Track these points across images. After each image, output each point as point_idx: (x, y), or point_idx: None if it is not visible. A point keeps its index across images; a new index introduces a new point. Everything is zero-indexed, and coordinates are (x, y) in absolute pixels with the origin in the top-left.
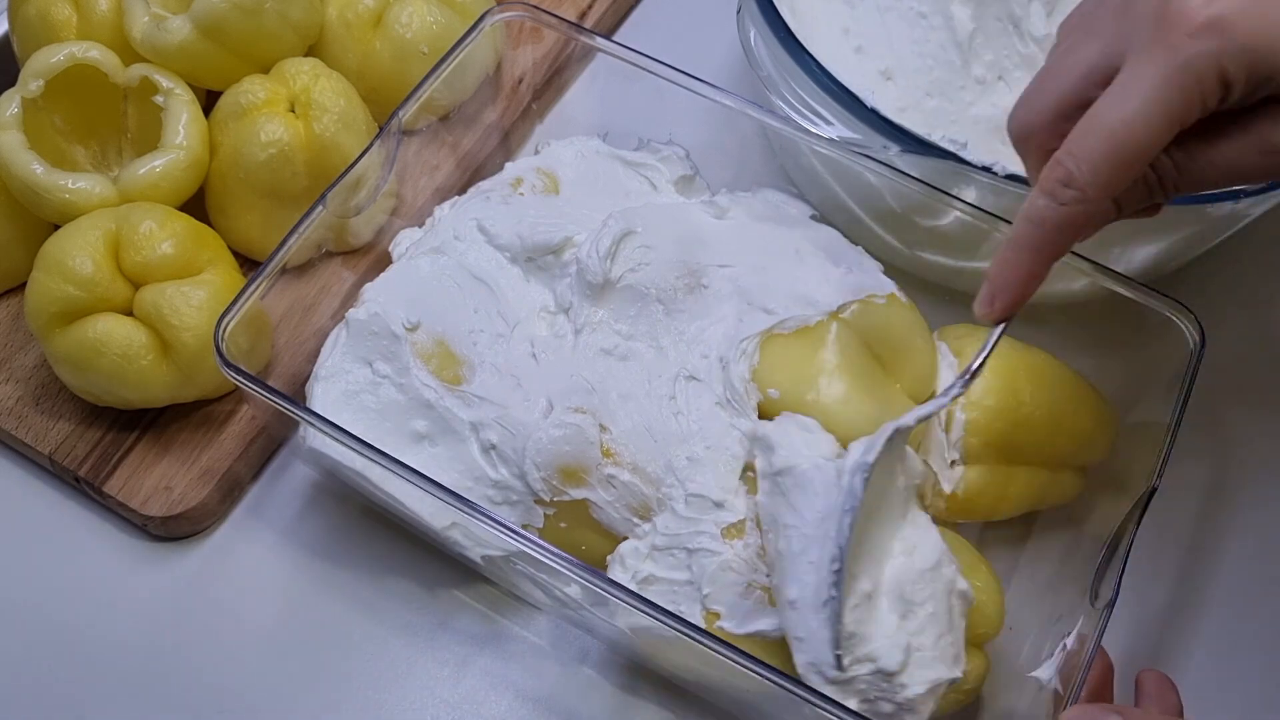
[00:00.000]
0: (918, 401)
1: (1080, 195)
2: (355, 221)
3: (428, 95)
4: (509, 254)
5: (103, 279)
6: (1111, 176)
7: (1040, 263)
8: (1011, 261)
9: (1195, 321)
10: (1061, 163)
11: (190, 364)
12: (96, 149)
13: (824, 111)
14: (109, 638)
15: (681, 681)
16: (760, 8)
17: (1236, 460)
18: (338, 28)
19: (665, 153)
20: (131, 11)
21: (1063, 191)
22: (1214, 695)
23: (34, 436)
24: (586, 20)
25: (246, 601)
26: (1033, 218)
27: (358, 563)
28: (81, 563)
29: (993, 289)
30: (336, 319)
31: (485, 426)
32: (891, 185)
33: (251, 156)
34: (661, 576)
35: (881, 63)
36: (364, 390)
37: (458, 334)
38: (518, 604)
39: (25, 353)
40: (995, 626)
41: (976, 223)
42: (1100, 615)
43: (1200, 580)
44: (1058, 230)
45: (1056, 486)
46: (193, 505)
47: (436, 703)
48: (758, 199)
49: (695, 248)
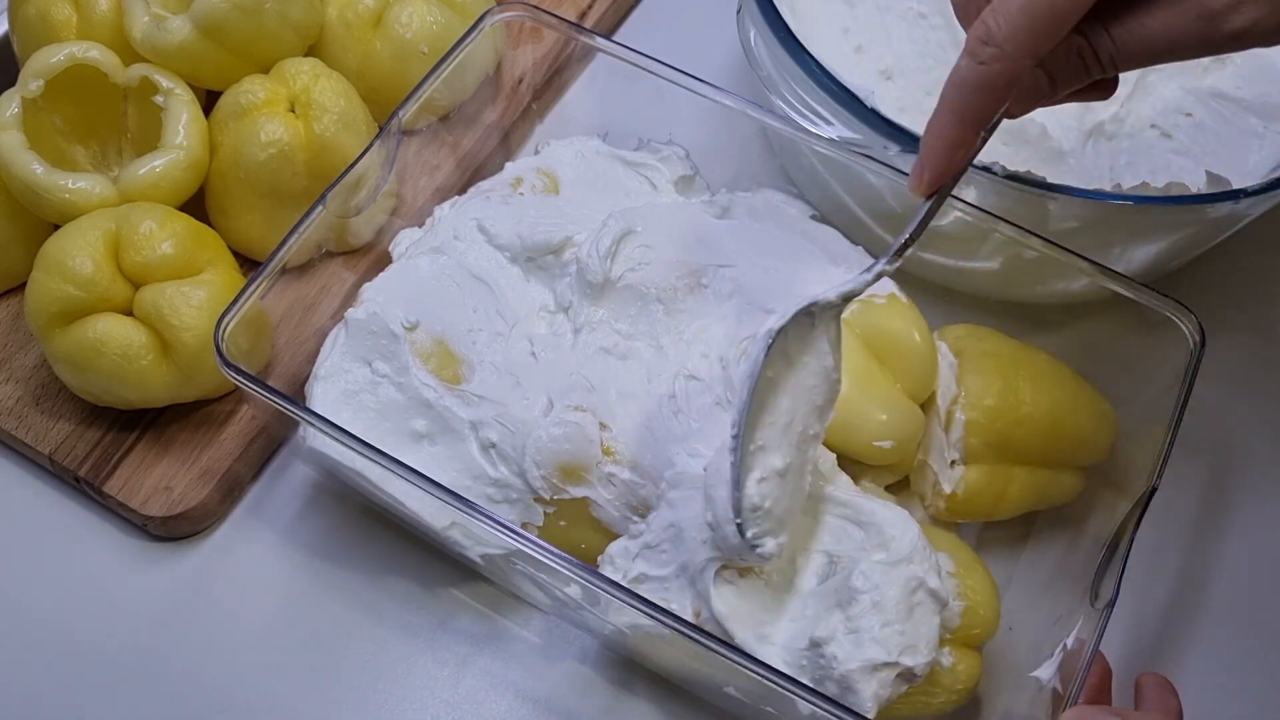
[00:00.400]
0: (918, 402)
1: (998, 52)
2: (355, 221)
3: (428, 95)
4: (509, 254)
5: (103, 279)
6: (1030, 31)
7: (964, 128)
8: (934, 129)
9: (1195, 321)
10: (984, 20)
11: (190, 364)
12: (96, 149)
13: (824, 111)
14: (109, 638)
15: (680, 681)
16: (760, 8)
17: (1236, 460)
18: (338, 28)
19: (665, 153)
20: (131, 11)
21: (981, 49)
22: (1214, 696)
23: (34, 436)
24: (586, 20)
25: (246, 601)
26: (955, 80)
27: (358, 563)
28: (81, 563)
29: (920, 162)
30: (336, 319)
31: (485, 425)
32: (891, 185)
33: (251, 156)
34: (653, 575)
35: (881, 63)
36: (363, 390)
37: (457, 333)
38: (517, 604)
39: (25, 353)
40: (989, 628)
41: (976, 223)
42: (1100, 615)
43: (1200, 580)
44: (978, 90)
45: (1056, 486)
46: (193, 505)
47: (436, 703)
48: (758, 199)
49: (695, 247)
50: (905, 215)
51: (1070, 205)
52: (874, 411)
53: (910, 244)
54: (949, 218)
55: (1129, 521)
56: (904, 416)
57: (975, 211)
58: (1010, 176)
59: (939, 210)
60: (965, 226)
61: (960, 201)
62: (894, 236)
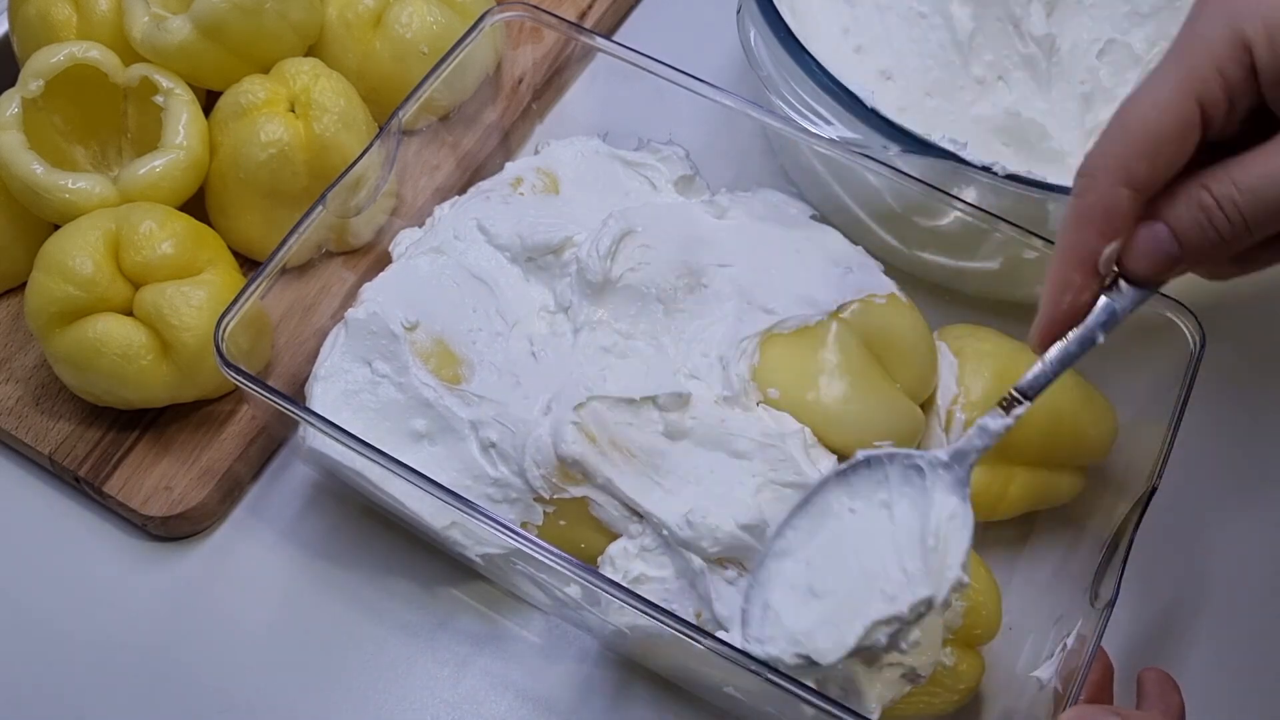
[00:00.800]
0: (918, 402)
1: (1089, 182)
2: (355, 221)
3: (428, 95)
4: (509, 254)
5: (103, 279)
6: (1121, 154)
7: (1069, 268)
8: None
9: (1195, 321)
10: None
11: (190, 364)
12: (96, 149)
13: (824, 111)
14: (109, 638)
15: (680, 681)
16: (760, 8)
17: (1236, 460)
18: (338, 28)
19: (665, 153)
20: (131, 11)
21: (1077, 181)
22: (1215, 695)
23: (34, 436)
24: (586, 20)
25: (246, 601)
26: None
27: (358, 562)
28: (81, 563)
29: (1039, 314)
30: (336, 319)
31: (484, 425)
32: (891, 185)
33: (251, 156)
34: (653, 575)
35: (881, 63)
36: (363, 390)
37: (456, 333)
38: (517, 604)
39: (25, 353)
40: (991, 628)
41: (976, 223)
42: (1100, 615)
43: (1200, 580)
44: (1074, 225)
45: (1056, 486)
46: (193, 505)
47: (436, 703)
48: (757, 199)
49: (695, 247)
50: (905, 215)
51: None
52: (874, 411)
53: (1030, 398)
54: (949, 218)
55: (1129, 521)
56: (904, 416)
57: (975, 211)
58: (1010, 176)
59: (1060, 370)
60: (965, 226)
61: (960, 201)
62: (894, 237)
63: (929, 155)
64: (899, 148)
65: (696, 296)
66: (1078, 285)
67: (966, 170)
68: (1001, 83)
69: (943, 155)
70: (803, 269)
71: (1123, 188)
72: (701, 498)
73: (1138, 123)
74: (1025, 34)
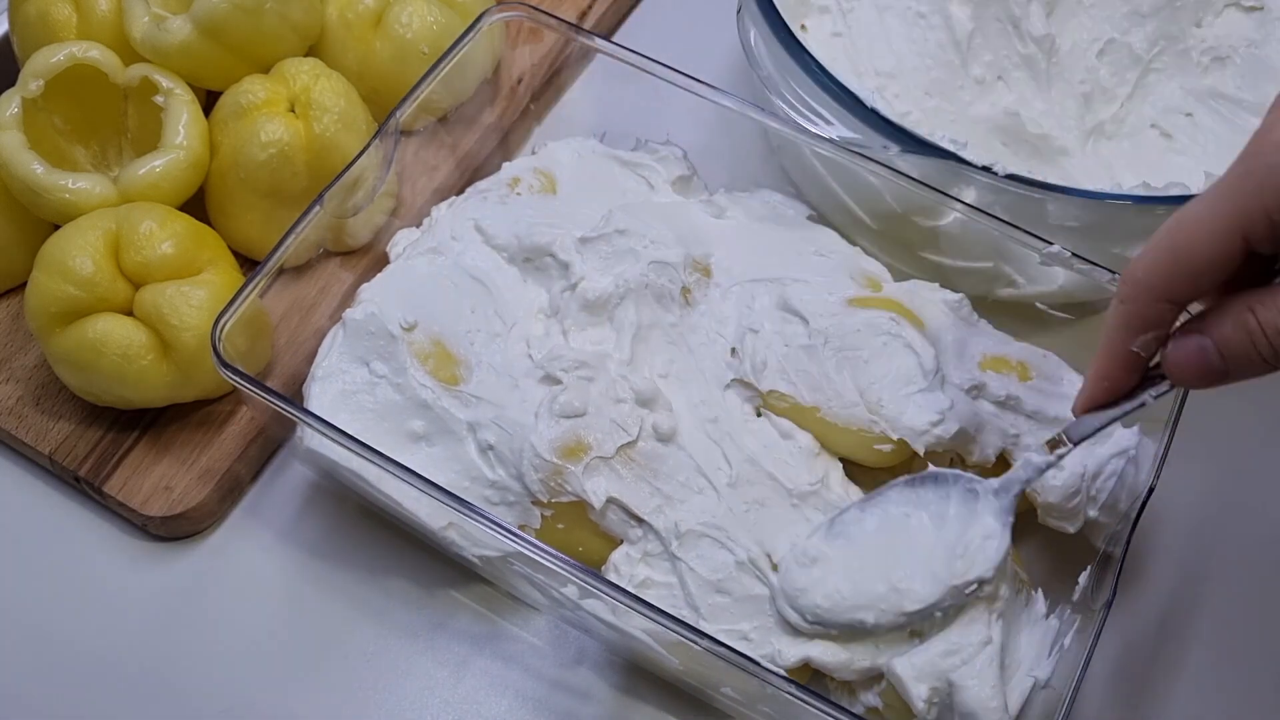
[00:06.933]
0: None
1: (1128, 291)
2: (353, 222)
3: (426, 95)
4: (506, 254)
5: (103, 279)
6: (1168, 273)
7: (1110, 361)
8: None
9: None
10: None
11: (190, 364)
12: (96, 149)
13: (824, 111)
14: (109, 638)
15: (679, 682)
16: (760, 8)
17: (1236, 460)
18: (338, 28)
19: (662, 153)
20: (131, 11)
21: (1123, 287)
22: (1212, 697)
23: (34, 436)
24: (586, 20)
25: (245, 601)
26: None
27: (356, 563)
28: (81, 563)
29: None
30: (335, 319)
31: (482, 426)
32: (891, 185)
33: (251, 156)
34: (659, 580)
35: (881, 63)
36: (361, 390)
37: (455, 334)
38: (516, 604)
39: (25, 353)
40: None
41: (976, 223)
42: (1098, 615)
43: (1199, 580)
44: (1115, 327)
45: None
46: (192, 505)
47: (436, 703)
48: (755, 199)
49: (693, 247)
50: (905, 215)
51: (1070, 205)
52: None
53: (1075, 443)
54: (949, 218)
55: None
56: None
57: (975, 211)
58: (1010, 176)
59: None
60: (965, 226)
61: (960, 201)
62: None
63: (929, 155)
64: (899, 148)
65: (694, 295)
66: (1118, 379)
67: (966, 170)
68: (1001, 83)
69: (942, 155)
70: (799, 269)
71: (1164, 303)
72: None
73: (1186, 249)
74: (1025, 34)
